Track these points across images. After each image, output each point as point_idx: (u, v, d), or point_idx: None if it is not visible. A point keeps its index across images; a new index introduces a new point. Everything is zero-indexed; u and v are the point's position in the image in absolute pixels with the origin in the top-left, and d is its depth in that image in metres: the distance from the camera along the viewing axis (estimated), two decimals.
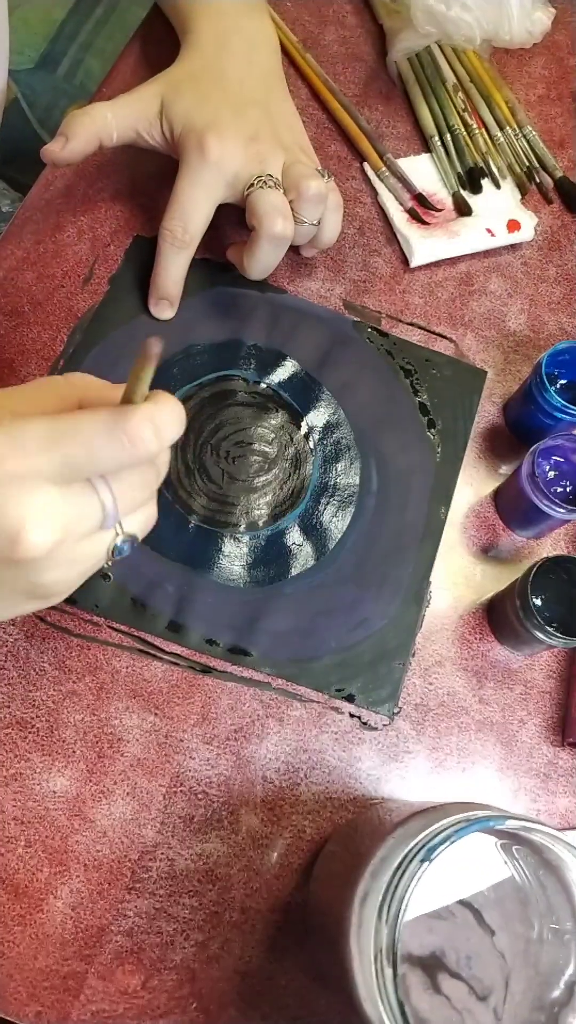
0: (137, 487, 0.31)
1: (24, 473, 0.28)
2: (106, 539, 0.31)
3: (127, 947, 0.38)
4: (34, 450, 0.28)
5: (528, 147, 0.58)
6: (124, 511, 0.31)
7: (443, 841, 0.28)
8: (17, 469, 0.28)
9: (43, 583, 0.30)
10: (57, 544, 0.29)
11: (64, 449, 0.28)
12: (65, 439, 0.28)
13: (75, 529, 0.29)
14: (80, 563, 0.31)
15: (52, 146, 0.45)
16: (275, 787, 0.42)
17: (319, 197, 0.45)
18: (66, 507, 0.29)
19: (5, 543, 0.28)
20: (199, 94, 0.46)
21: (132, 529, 0.32)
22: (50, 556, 0.29)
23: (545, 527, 0.47)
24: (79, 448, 0.28)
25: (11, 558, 0.28)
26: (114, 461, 0.29)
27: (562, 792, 0.44)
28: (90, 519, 0.30)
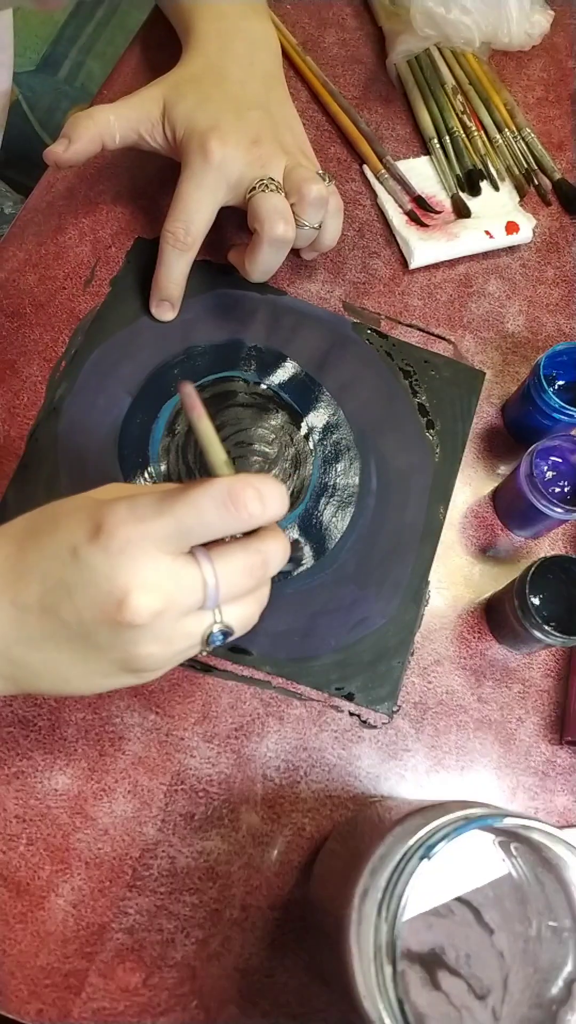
0: (240, 572, 0.31)
1: (138, 539, 0.29)
2: (204, 622, 0.31)
3: (128, 945, 0.39)
4: (148, 516, 0.29)
5: (527, 149, 0.58)
6: (225, 596, 0.31)
7: (442, 839, 0.29)
8: (132, 535, 0.29)
9: (138, 655, 0.31)
10: (158, 614, 0.29)
11: (175, 514, 0.29)
12: (176, 505, 0.29)
13: (177, 602, 0.30)
14: (176, 643, 0.31)
15: (55, 148, 0.45)
16: (275, 785, 0.42)
17: (320, 201, 0.45)
18: (171, 578, 0.30)
19: (112, 605, 0.29)
20: (201, 96, 0.46)
21: (230, 620, 0.32)
22: (150, 626, 0.30)
23: (543, 527, 0.47)
24: (189, 512, 0.29)
25: (115, 620, 0.29)
26: (221, 525, 0.30)
27: (560, 790, 0.44)
28: (192, 593, 0.30)
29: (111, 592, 0.29)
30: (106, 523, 0.29)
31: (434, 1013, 0.31)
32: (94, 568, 0.29)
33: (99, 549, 0.29)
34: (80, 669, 0.32)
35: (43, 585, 0.30)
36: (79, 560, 0.29)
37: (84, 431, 0.47)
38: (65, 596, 0.30)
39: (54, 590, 0.30)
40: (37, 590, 0.30)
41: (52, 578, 0.30)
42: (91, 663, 0.31)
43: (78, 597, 0.30)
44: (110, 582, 0.29)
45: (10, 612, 0.31)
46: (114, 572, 0.29)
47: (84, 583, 0.29)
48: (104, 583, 0.29)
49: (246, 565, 0.31)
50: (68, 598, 0.30)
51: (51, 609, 0.30)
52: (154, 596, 0.29)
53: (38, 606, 0.30)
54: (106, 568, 0.29)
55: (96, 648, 0.31)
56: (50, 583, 0.30)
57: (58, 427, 0.47)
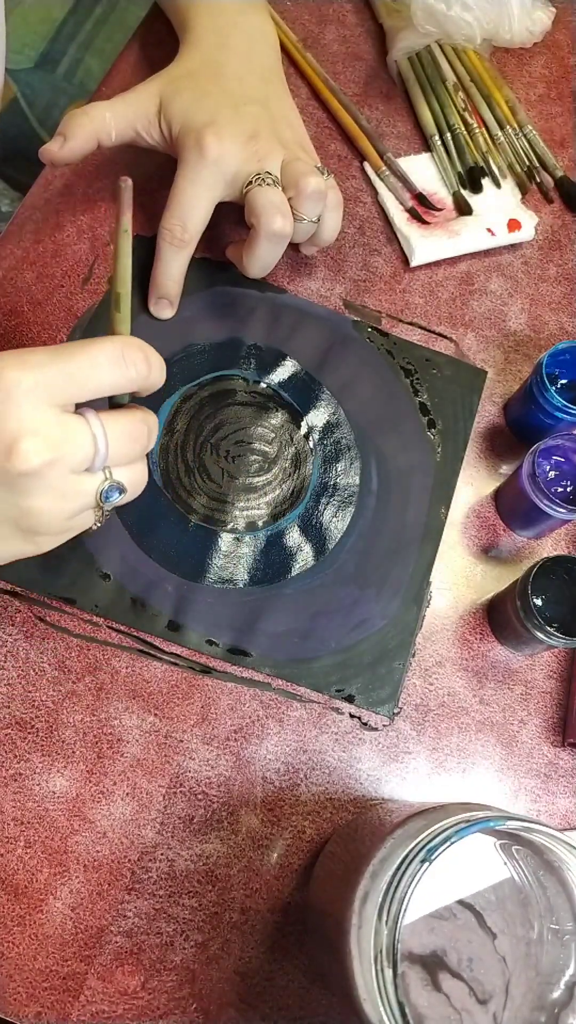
0: (127, 437, 0.32)
1: (27, 386, 0.29)
2: (95, 481, 0.32)
3: (127, 948, 0.38)
4: (38, 364, 0.29)
5: (528, 146, 0.58)
6: (114, 460, 0.32)
7: (443, 842, 0.28)
8: (20, 381, 0.29)
9: (31, 508, 0.31)
10: (49, 464, 0.30)
11: (69, 363, 0.29)
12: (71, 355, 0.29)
13: (67, 453, 0.30)
14: (69, 499, 0.31)
15: (50, 146, 0.45)
16: (275, 788, 0.42)
17: (318, 194, 0.45)
18: (61, 430, 0.30)
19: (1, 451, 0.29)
20: (198, 92, 0.46)
21: (122, 478, 0.33)
22: (41, 475, 0.30)
23: (545, 527, 0.47)
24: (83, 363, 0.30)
25: (4, 468, 0.29)
26: (110, 379, 0.30)
27: (562, 792, 0.44)
28: (82, 448, 0.31)
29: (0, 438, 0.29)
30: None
31: (434, 1014, 0.31)
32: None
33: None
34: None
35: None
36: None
37: None
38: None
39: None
40: None
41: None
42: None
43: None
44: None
45: None
46: (2, 418, 0.29)
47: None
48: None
49: (132, 430, 0.32)
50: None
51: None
52: (44, 443, 0.29)
53: None
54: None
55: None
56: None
57: None
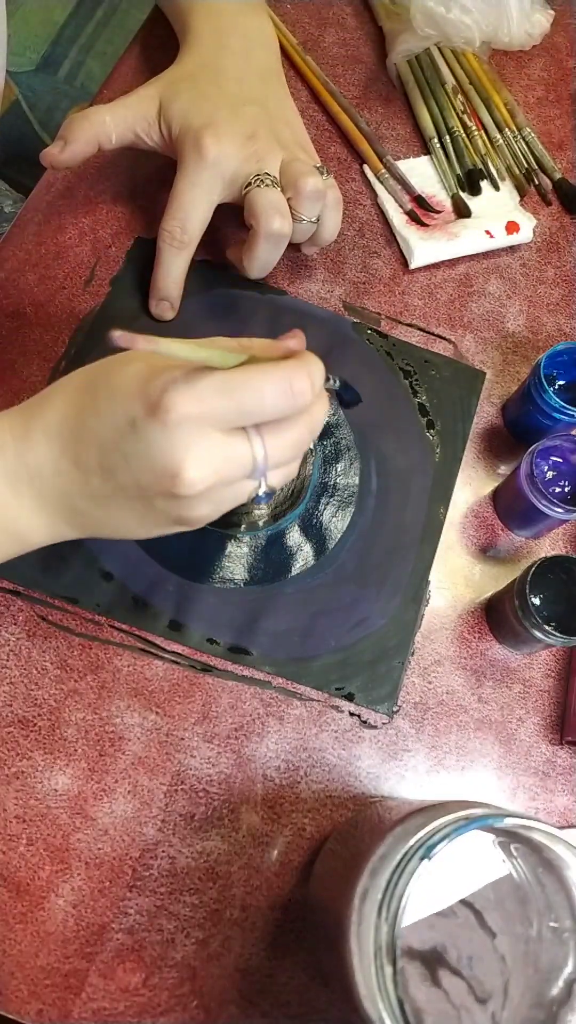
0: (288, 447, 0.33)
1: (196, 417, 0.30)
2: (250, 488, 0.34)
3: (128, 945, 0.39)
4: (208, 397, 0.30)
5: (527, 149, 0.58)
6: (272, 466, 0.34)
7: (442, 839, 0.29)
8: (191, 412, 0.30)
9: (191, 517, 0.33)
10: (210, 488, 0.32)
11: (236, 399, 0.30)
12: (239, 390, 0.31)
13: (227, 475, 0.32)
14: (223, 504, 0.34)
15: (51, 149, 0.45)
16: (275, 785, 0.42)
17: (317, 194, 0.45)
18: (223, 455, 0.31)
19: (167, 478, 0.31)
20: (197, 93, 0.46)
21: (274, 483, 0.35)
22: (201, 496, 0.32)
23: (543, 527, 0.47)
24: (251, 399, 0.31)
25: (169, 491, 0.31)
26: (278, 410, 0.31)
27: (560, 790, 0.44)
28: (242, 468, 0.32)
29: (166, 466, 0.31)
30: (164, 401, 0.30)
31: (432, 1009, 0.31)
32: (150, 441, 0.31)
33: (157, 424, 0.30)
34: (138, 523, 0.34)
35: (101, 449, 0.32)
36: (137, 432, 0.31)
37: None
38: (123, 462, 0.32)
39: (112, 455, 0.32)
40: (96, 453, 0.32)
41: (110, 444, 0.32)
42: (148, 519, 0.34)
43: (134, 466, 0.31)
44: (164, 456, 0.31)
45: (73, 471, 0.33)
46: (170, 448, 0.30)
47: (140, 454, 0.31)
48: (159, 457, 0.31)
49: (295, 440, 0.33)
50: (126, 465, 0.32)
51: (110, 472, 0.32)
52: (206, 470, 0.31)
53: (98, 467, 0.32)
54: (162, 443, 0.30)
55: (153, 509, 0.33)
56: (108, 448, 0.32)
57: None
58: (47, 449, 0.33)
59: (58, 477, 0.33)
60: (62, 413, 0.33)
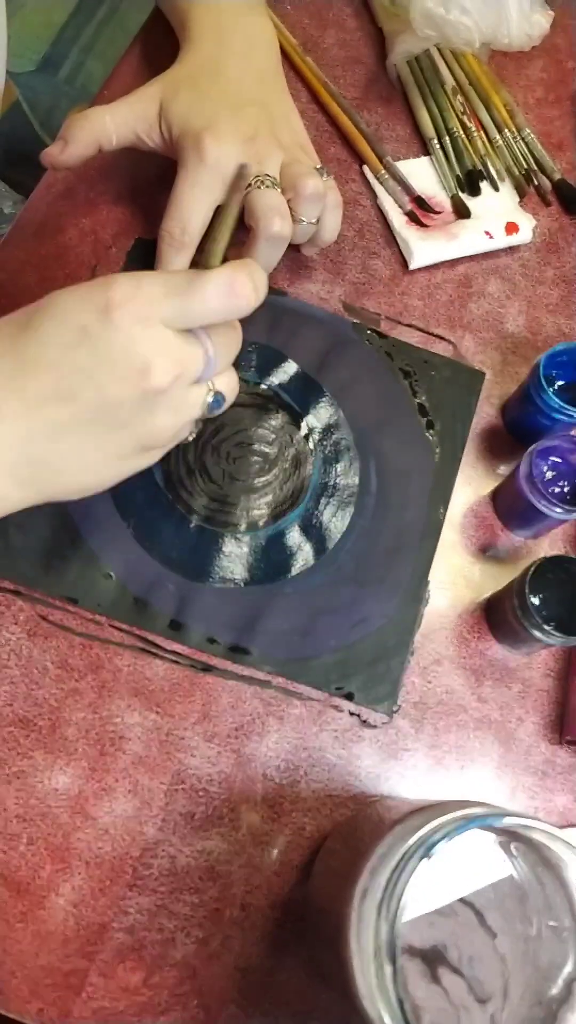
0: (226, 347, 0.35)
1: (149, 314, 0.31)
2: (202, 391, 0.35)
3: (128, 944, 0.39)
4: (156, 296, 0.31)
5: (527, 150, 0.58)
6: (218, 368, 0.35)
7: (442, 838, 0.29)
8: (142, 311, 0.31)
9: (155, 426, 0.33)
10: (175, 380, 0.32)
11: (183, 297, 0.32)
12: (184, 290, 0.32)
13: (187, 369, 0.33)
14: (183, 412, 0.34)
15: (51, 150, 0.45)
16: (275, 784, 0.42)
17: (317, 196, 0.45)
18: (180, 349, 0.32)
19: (135, 376, 0.31)
20: (197, 94, 0.46)
21: (221, 387, 0.36)
22: (167, 393, 0.32)
23: (543, 527, 0.47)
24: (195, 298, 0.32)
25: (140, 388, 0.31)
26: (221, 312, 0.33)
27: (560, 790, 0.44)
28: (197, 363, 0.33)
29: (132, 364, 0.31)
30: (114, 299, 0.30)
31: (431, 1007, 0.31)
32: (111, 343, 0.30)
33: (112, 325, 0.30)
34: (100, 454, 0.33)
35: (56, 373, 0.31)
36: (92, 339, 0.30)
37: None
38: (84, 379, 0.31)
39: (69, 376, 0.31)
40: (48, 379, 0.31)
41: (65, 364, 0.31)
42: (111, 444, 0.33)
43: (98, 375, 0.31)
44: (129, 354, 0.31)
45: (20, 409, 0.31)
46: (133, 344, 0.31)
47: (102, 360, 0.31)
48: (123, 356, 0.31)
49: (229, 340, 0.35)
50: (88, 380, 0.31)
51: (68, 394, 0.31)
52: (171, 363, 0.32)
53: (53, 394, 0.31)
54: (123, 340, 0.30)
55: (117, 426, 0.32)
56: (64, 369, 0.31)
57: None
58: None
59: (4, 424, 0.31)
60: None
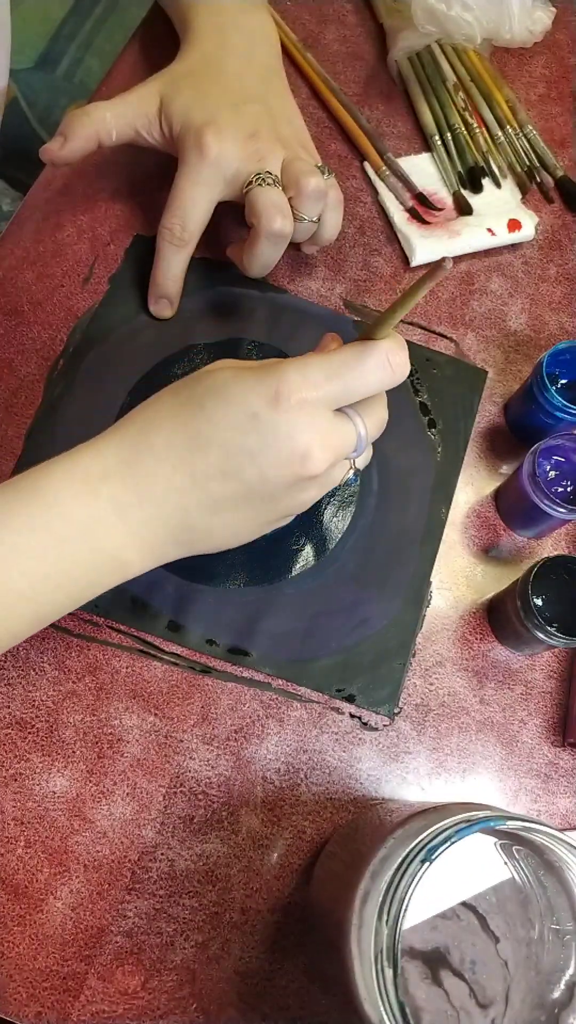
0: (376, 426, 0.37)
1: (313, 401, 0.33)
2: (346, 467, 0.37)
3: (127, 948, 0.38)
4: (321, 381, 0.33)
5: (529, 146, 0.58)
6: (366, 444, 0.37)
7: (444, 842, 0.28)
8: (307, 397, 0.33)
9: (304, 500, 0.36)
10: (330, 464, 0.34)
11: (344, 378, 0.34)
12: (345, 370, 0.34)
13: (341, 452, 0.35)
14: (328, 485, 0.36)
15: (50, 146, 0.45)
16: (275, 788, 0.42)
17: (318, 194, 0.45)
18: (336, 432, 0.34)
19: (296, 461, 0.33)
20: (198, 91, 0.46)
21: (360, 464, 0.38)
22: (323, 475, 0.35)
23: (546, 527, 0.47)
24: (356, 377, 0.34)
25: (298, 474, 0.34)
26: (379, 386, 0.35)
27: (563, 792, 0.44)
28: (350, 445, 0.35)
29: (294, 449, 0.33)
30: (283, 389, 0.33)
31: (431, 1008, 0.31)
32: (276, 429, 0.33)
33: (280, 412, 0.33)
34: (250, 523, 0.36)
35: (223, 452, 0.34)
36: (260, 424, 0.33)
37: (82, 430, 0.46)
38: (248, 459, 0.33)
39: (236, 455, 0.33)
40: (216, 458, 0.34)
41: (232, 444, 0.33)
42: (261, 516, 0.36)
43: (261, 458, 0.33)
44: (293, 441, 0.33)
45: (188, 482, 0.34)
46: (296, 431, 0.33)
47: (267, 444, 0.33)
48: (287, 442, 0.33)
49: (379, 419, 0.37)
50: (251, 460, 0.33)
51: (232, 473, 0.34)
52: (328, 450, 0.34)
53: (219, 472, 0.34)
54: (288, 428, 0.33)
55: (271, 501, 0.35)
56: (231, 449, 0.33)
57: (56, 426, 0.46)
58: (158, 469, 0.34)
59: (171, 493, 0.34)
60: (169, 431, 0.34)
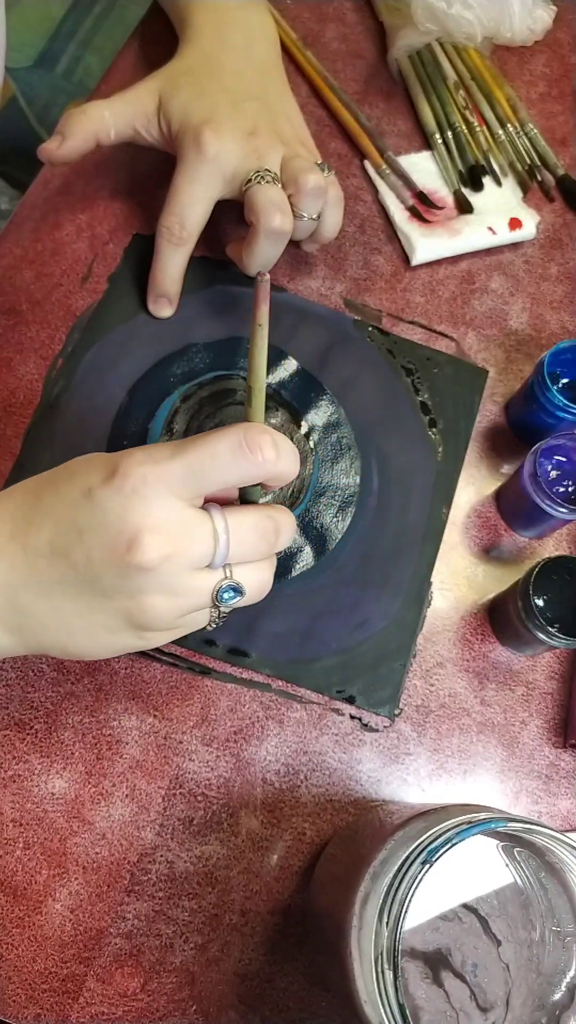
0: (251, 532, 0.31)
1: (153, 480, 0.29)
2: (213, 579, 0.31)
3: (126, 950, 0.38)
4: (163, 458, 0.29)
5: (530, 145, 0.58)
6: (236, 555, 0.31)
7: (444, 843, 0.28)
8: (147, 476, 0.29)
9: (144, 604, 0.30)
10: (166, 558, 0.29)
11: (190, 456, 0.29)
12: (192, 448, 0.30)
13: (186, 549, 0.30)
14: (182, 596, 0.31)
15: (49, 145, 0.45)
16: (275, 789, 0.42)
17: (318, 191, 0.45)
18: (182, 524, 0.30)
19: (122, 545, 0.29)
20: (196, 89, 0.46)
21: (241, 579, 0.32)
22: (157, 571, 0.29)
23: (547, 527, 0.47)
24: (204, 455, 0.29)
25: (124, 560, 0.29)
26: (235, 470, 0.30)
27: (564, 794, 0.43)
28: (202, 543, 0.30)
29: (122, 531, 0.29)
30: (121, 465, 0.29)
31: (431, 1008, 0.31)
32: (106, 508, 0.29)
33: (113, 490, 0.29)
34: (85, 620, 0.31)
35: (55, 528, 0.31)
36: (92, 501, 0.30)
37: (81, 430, 0.46)
38: (76, 537, 0.30)
39: (66, 532, 0.30)
40: (48, 533, 0.31)
41: (64, 521, 0.30)
42: (96, 613, 0.31)
43: (88, 537, 0.30)
44: (121, 521, 0.29)
45: (20, 556, 0.31)
46: (126, 512, 0.29)
47: (96, 523, 0.30)
48: (115, 522, 0.29)
49: (258, 527, 0.31)
50: (79, 539, 0.30)
51: (61, 551, 0.30)
52: (163, 539, 0.29)
53: (48, 549, 0.31)
54: (119, 508, 0.29)
55: (102, 595, 0.30)
56: (63, 526, 0.30)
57: (55, 426, 0.46)
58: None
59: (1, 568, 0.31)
60: (19, 500, 0.32)
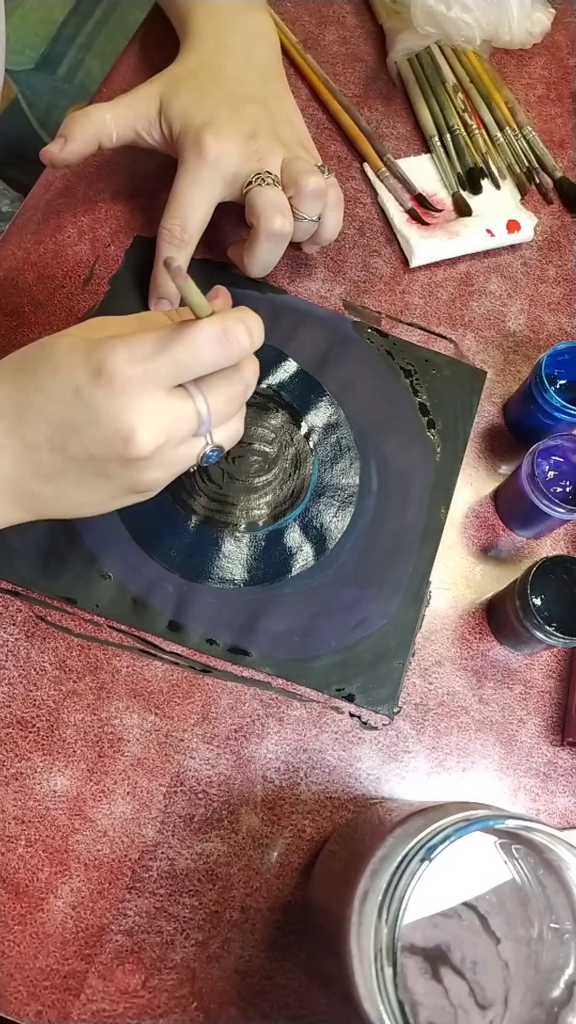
0: (226, 400, 0.34)
1: (140, 379, 0.31)
2: (198, 445, 0.35)
3: (127, 946, 0.39)
4: (148, 356, 0.31)
5: (528, 147, 0.58)
6: (215, 423, 0.34)
7: (443, 840, 0.28)
8: (134, 374, 0.31)
9: (143, 480, 0.34)
10: (160, 447, 0.32)
11: (174, 353, 0.31)
12: (175, 344, 0.31)
13: (176, 433, 0.33)
14: (175, 465, 0.34)
15: (51, 148, 0.45)
16: (275, 786, 0.42)
17: (318, 193, 0.45)
18: (170, 412, 0.32)
19: (119, 443, 0.32)
20: (197, 92, 0.46)
21: (220, 440, 0.35)
22: (153, 457, 0.33)
23: (545, 527, 0.47)
24: (186, 351, 0.31)
25: (123, 455, 0.32)
26: (215, 360, 0.32)
27: (562, 792, 0.44)
28: (188, 424, 0.33)
29: (117, 430, 0.31)
30: (107, 365, 0.31)
31: (429, 1003, 0.31)
32: (99, 408, 0.31)
33: (102, 390, 0.31)
34: (90, 496, 0.35)
35: (49, 425, 0.32)
36: (83, 400, 0.31)
37: None
38: (72, 435, 0.32)
39: (61, 429, 0.32)
40: (45, 430, 0.32)
41: (57, 418, 0.32)
42: (100, 491, 0.34)
43: (85, 435, 0.32)
44: (115, 420, 0.31)
45: (20, 451, 0.33)
46: (118, 411, 0.31)
47: (90, 422, 0.31)
48: (109, 422, 0.31)
49: (231, 393, 0.34)
50: (75, 436, 0.32)
51: (60, 447, 0.32)
52: (156, 431, 0.32)
53: (48, 445, 0.32)
54: (110, 407, 0.31)
55: (105, 478, 0.33)
56: (56, 423, 0.32)
57: None
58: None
59: (4, 457, 0.33)
60: (4, 395, 0.33)
